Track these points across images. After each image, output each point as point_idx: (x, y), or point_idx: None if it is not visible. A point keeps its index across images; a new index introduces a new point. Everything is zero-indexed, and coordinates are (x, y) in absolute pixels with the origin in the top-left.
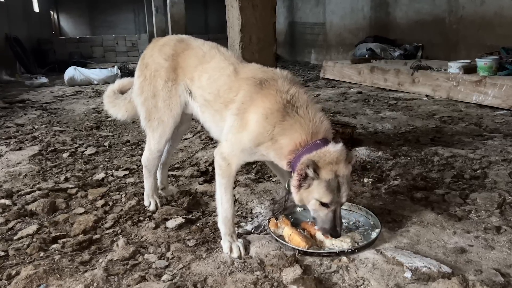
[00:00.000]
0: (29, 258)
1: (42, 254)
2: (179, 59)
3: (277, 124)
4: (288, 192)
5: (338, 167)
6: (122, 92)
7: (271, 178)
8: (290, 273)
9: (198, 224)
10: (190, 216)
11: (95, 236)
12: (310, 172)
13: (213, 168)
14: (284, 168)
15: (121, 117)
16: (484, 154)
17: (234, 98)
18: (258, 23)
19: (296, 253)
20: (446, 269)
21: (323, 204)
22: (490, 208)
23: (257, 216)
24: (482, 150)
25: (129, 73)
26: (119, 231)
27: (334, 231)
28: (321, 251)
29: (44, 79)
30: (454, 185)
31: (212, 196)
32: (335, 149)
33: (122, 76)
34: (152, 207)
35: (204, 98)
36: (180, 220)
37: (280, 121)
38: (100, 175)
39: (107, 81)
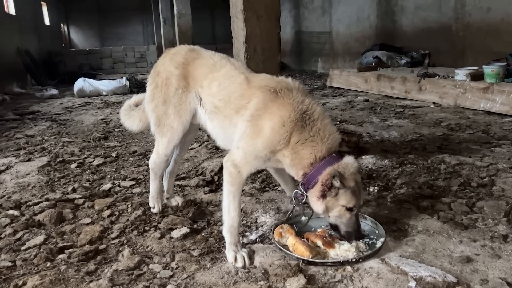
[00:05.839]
0: (35, 268)
1: (48, 264)
2: (189, 67)
3: (295, 132)
4: (297, 203)
5: (356, 175)
6: (138, 105)
7: (276, 187)
8: (294, 283)
9: (203, 234)
10: (195, 226)
11: (101, 246)
12: (336, 183)
13: (219, 178)
14: (296, 178)
15: (136, 128)
16: (492, 161)
17: (246, 105)
18: (262, 34)
19: (300, 262)
20: (451, 278)
21: (349, 209)
22: (497, 216)
23: (262, 226)
24: (490, 157)
25: (138, 84)
26: (125, 241)
27: (358, 232)
28: (325, 260)
29: (54, 91)
30: (461, 193)
31: (217, 205)
32: (352, 161)
33: (130, 87)
34: (156, 210)
35: (214, 105)
36: (185, 230)
37: (299, 131)
38: (107, 186)
39: (116, 92)
